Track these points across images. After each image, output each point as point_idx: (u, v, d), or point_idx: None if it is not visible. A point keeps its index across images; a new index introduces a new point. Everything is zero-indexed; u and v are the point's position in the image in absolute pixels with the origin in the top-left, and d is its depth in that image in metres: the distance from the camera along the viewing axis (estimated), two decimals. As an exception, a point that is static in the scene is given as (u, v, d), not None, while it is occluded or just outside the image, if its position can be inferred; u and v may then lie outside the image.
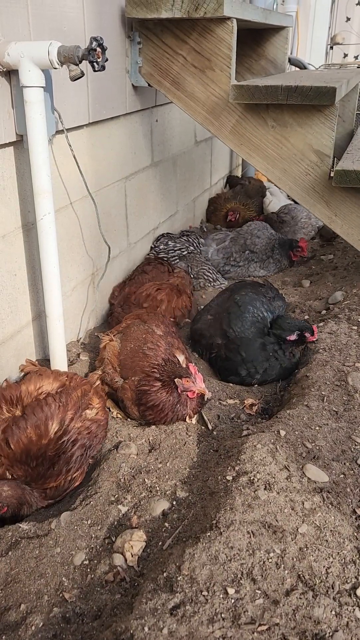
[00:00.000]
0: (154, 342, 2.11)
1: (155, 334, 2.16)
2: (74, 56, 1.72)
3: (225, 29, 2.40)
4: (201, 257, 3.45)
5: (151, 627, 1.20)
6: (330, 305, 2.82)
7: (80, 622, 1.37)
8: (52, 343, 2.17)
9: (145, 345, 2.11)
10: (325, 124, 2.40)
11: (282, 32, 3.41)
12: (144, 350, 2.09)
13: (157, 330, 2.18)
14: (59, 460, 1.69)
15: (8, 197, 2.00)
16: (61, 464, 1.69)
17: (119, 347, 2.18)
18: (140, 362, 2.06)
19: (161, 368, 2.01)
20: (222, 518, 1.48)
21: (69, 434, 1.71)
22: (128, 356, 2.12)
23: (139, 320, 2.28)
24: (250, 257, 3.48)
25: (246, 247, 3.50)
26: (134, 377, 2.04)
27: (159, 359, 2.04)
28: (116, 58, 2.53)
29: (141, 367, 2.05)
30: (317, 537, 1.44)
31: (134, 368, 2.07)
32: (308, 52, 7.02)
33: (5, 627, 1.37)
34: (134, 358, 2.10)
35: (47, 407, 1.71)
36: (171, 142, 3.50)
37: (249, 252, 3.49)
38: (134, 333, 2.19)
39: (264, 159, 2.56)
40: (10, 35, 1.81)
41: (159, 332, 2.18)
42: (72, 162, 2.23)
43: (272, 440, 1.76)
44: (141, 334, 2.17)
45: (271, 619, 1.22)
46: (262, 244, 3.50)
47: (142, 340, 2.13)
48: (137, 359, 2.08)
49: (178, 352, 2.12)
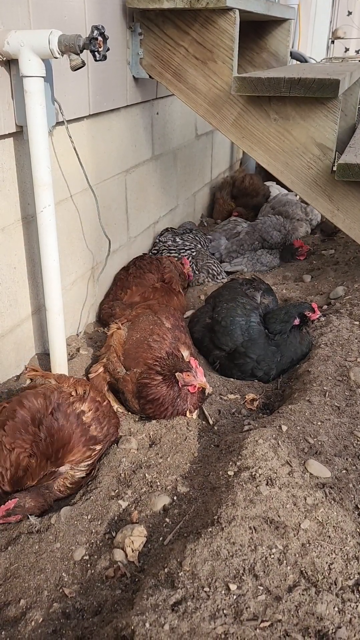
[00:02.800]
0: (161, 334, 2.10)
1: (164, 327, 2.14)
2: (75, 45, 1.69)
3: (227, 20, 2.37)
4: (206, 251, 3.44)
5: (152, 623, 1.18)
6: (332, 301, 2.81)
7: (80, 617, 1.36)
8: (52, 337, 2.15)
9: (151, 336, 2.09)
10: (328, 117, 2.38)
11: (284, 25, 3.37)
12: (149, 341, 2.08)
13: (166, 323, 2.17)
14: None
15: (7, 189, 1.98)
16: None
17: (125, 336, 2.16)
18: (143, 354, 2.05)
19: (163, 361, 2.00)
20: (223, 513, 1.47)
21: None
22: (133, 346, 2.11)
23: (150, 310, 2.27)
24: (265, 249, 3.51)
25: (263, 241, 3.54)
26: (136, 369, 2.03)
27: (163, 352, 2.03)
28: (117, 49, 2.50)
29: (144, 359, 2.03)
30: (319, 533, 1.43)
31: (137, 359, 2.05)
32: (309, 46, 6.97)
33: (5, 622, 1.36)
34: (138, 349, 2.08)
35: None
36: (172, 135, 3.47)
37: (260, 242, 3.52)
38: (142, 323, 2.18)
39: (265, 152, 2.54)
40: (10, 24, 1.78)
41: (168, 324, 2.16)
42: (72, 155, 2.20)
43: (274, 436, 1.74)
44: (149, 325, 2.16)
45: (274, 615, 1.21)
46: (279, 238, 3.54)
47: (149, 331, 2.12)
48: (142, 350, 2.07)
49: (184, 347, 2.10)
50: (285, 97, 2.37)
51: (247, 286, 2.63)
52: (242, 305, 2.42)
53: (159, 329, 2.12)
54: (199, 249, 3.40)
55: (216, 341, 2.41)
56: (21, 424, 1.65)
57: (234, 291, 2.56)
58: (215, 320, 2.44)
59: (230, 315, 2.39)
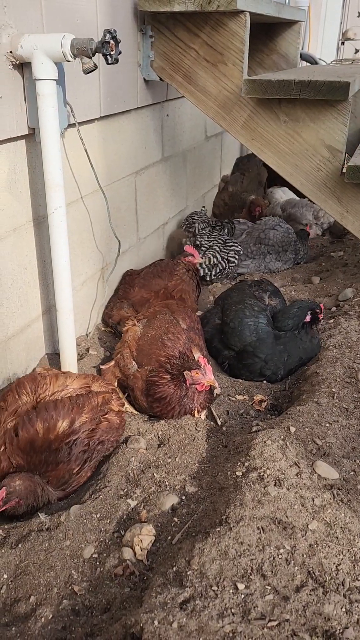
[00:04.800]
0: (175, 333, 2.12)
1: (179, 327, 2.17)
2: (88, 49, 1.71)
3: (238, 22, 2.38)
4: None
5: (161, 620, 1.20)
6: (341, 302, 2.81)
7: (89, 614, 1.37)
8: (62, 337, 2.17)
9: (166, 335, 2.12)
10: (338, 119, 2.38)
11: (294, 27, 3.38)
12: (164, 339, 2.10)
13: (181, 323, 2.19)
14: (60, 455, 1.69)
15: (20, 190, 2.00)
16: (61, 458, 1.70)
17: (140, 333, 2.19)
18: (157, 351, 2.07)
19: (173, 360, 2.01)
20: (231, 513, 1.48)
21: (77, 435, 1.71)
22: (147, 343, 2.14)
23: (167, 309, 2.30)
24: (266, 250, 3.47)
25: (261, 241, 3.50)
26: (147, 367, 2.05)
27: (176, 351, 2.05)
28: (128, 52, 2.52)
29: (157, 356, 2.06)
30: (327, 534, 1.44)
31: (150, 355, 2.08)
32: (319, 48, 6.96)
33: (15, 618, 1.38)
34: (151, 346, 2.11)
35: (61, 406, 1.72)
36: (181, 137, 3.49)
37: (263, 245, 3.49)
38: (158, 321, 2.21)
39: (275, 154, 2.55)
40: (23, 27, 1.80)
41: (184, 325, 2.19)
42: (83, 156, 2.22)
43: (282, 437, 1.75)
44: (164, 323, 2.18)
45: (281, 614, 1.22)
46: (278, 237, 3.49)
47: (164, 329, 2.15)
48: (155, 347, 2.09)
49: (196, 349, 2.12)
50: (296, 99, 2.38)
51: (255, 288, 2.64)
52: (250, 307, 2.43)
53: (174, 328, 2.15)
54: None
55: (225, 342, 2.42)
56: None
57: (242, 293, 2.57)
58: (224, 322, 2.45)
59: (239, 316, 2.40)
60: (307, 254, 3.60)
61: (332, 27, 7.58)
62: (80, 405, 1.76)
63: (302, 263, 3.58)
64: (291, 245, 3.49)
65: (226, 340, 2.42)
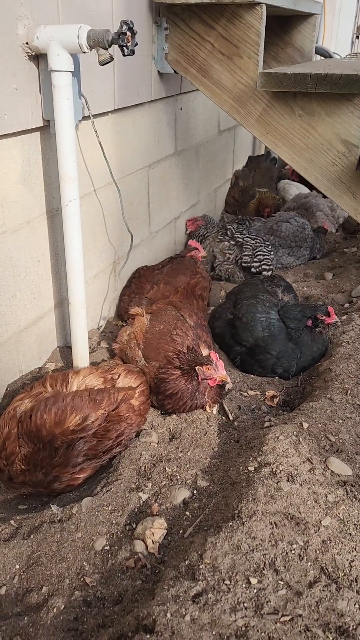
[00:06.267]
0: (184, 329, 2.12)
1: (187, 323, 2.17)
2: (104, 40, 1.70)
3: (254, 15, 2.36)
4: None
5: (173, 613, 1.19)
6: (354, 299, 2.79)
7: (101, 606, 1.38)
8: (74, 330, 2.17)
9: (174, 330, 2.12)
10: (354, 113, 2.35)
11: (310, 20, 3.34)
12: (172, 335, 2.10)
13: (189, 320, 2.19)
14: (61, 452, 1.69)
15: (33, 182, 2.00)
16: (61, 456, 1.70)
17: (147, 325, 2.19)
18: (166, 345, 2.07)
19: (183, 355, 2.01)
20: (244, 508, 1.48)
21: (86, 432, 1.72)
22: (155, 336, 2.13)
23: (172, 306, 2.29)
24: (278, 243, 3.44)
25: (273, 232, 3.48)
26: (154, 363, 2.04)
27: (185, 346, 2.04)
28: (143, 44, 2.50)
29: (165, 351, 2.05)
30: (340, 530, 1.43)
31: (158, 349, 2.08)
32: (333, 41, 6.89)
33: (27, 608, 1.38)
34: (160, 340, 2.11)
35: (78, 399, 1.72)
36: (194, 130, 3.47)
37: (275, 237, 3.46)
38: (166, 317, 2.20)
39: (290, 149, 2.53)
40: (39, 18, 1.79)
41: (191, 322, 2.19)
42: (97, 149, 2.22)
43: (295, 432, 1.74)
44: (172, 319, 2.18)
45: (294, 610, 1.21)
46: (290, 231, 3.46)
47: (173, 325, 2.15)
48: (164, 341, 2.09)
49: (204, 345, 2.12)
50: (312, 93, 2.35)
51: (268, 283, 2.62)
52: (262, 302, 2.42)
53: (182, 325, 2.14)
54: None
55: (237, 337, 2.41)
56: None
57: (254, 288, 2.56)
58: (236, 316, 2.44)
59: (251, 311, 2.39)
60: (323, 249, 3.58)
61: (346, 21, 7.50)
62: (98, 401, 1.76)
63: (318, 257, 3.56)
64: (306, 241, 3.46)
65: (237, 335, 2.41)
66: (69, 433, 1.68)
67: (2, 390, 2.06)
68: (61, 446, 1.67)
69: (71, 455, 1.68)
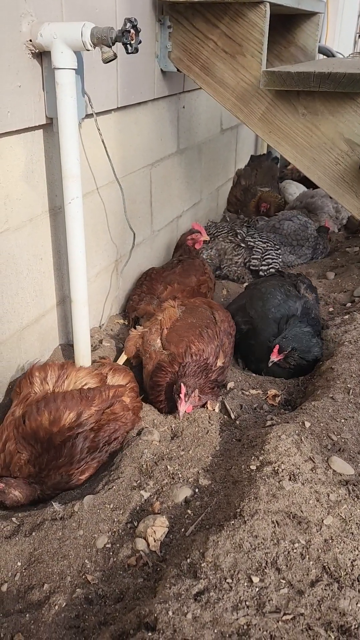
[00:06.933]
0: (215, 331, 2.16)
1: (218, 326, 2.20)
2: (107, 38, 1.69)
3: (258, 13, 2.35)
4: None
5: (175, 611, 1.19)
6: (356, 298, 2.78)
7: (102, 603, 1.38)
8: (76, 328, 2.17)
9: (206, 329, 2.15)
10: (357, 112, 2.35)
11: (313, 19, 3.33)
12: (201, 331, 2.13)
13: (220, 324, 2.22)
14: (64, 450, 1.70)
15: (36, 180, 2.00)
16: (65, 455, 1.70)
17: (179, 315, 2.23)
18: (192, 337, 2.10)
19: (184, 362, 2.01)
20: (246, 507, 1.48)
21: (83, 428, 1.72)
22: (184, 326, 2.17)
23: (207, 306, 2.34)
24: (280, 241, 3.45)
25: (275, 230, 3.48)
26: (168, 351, 2.08)
27: (208, 349, 2.06)
28: (146, 42, 2.50)
29: (190, 341, 2.07)
30: (342, 529, 1.43)
31: (182, 336, 2.11)
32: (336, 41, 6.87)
33: (29, 605, 1.39)
34: (189, 330, 2.13)
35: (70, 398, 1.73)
36: (197, 129, 3.47)
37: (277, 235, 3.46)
38: (201, 313, 2.25)
39: (293, 148, 2.52)
40: (43, 15, 1.79)
41: (222, 327, 2.21)
42: (100, 147, 2.21)
43: (297, 432, 1.74)
44: (206, 318, 2.22)
45: (296, 608, 1.21)
46: (292, 229, 3.46)
47: (206, 323, 2.18)
48: (192, 333, 2.12)
49: (222, 355, 2.13)
50: (315, 91, 2.35)
51: (294, 278, 2.66)
52: (285, 290, 2.48)
53: (213, 327, 2.18)
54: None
55: (248, 306, 2.45)
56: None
57: (280, 280, 2.64)
58: (255, 287, 2.52)
59: (272, 288, 2.47)
60: (326, 249, 3.57)
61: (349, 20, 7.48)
62: (90, 398, 1.77)
63: (320, 259, 3.56)
64: (309, 240, 3.46)
65: (249, 306, 2.45)
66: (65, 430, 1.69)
67: (4, 387, 2.06)
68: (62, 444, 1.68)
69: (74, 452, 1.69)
